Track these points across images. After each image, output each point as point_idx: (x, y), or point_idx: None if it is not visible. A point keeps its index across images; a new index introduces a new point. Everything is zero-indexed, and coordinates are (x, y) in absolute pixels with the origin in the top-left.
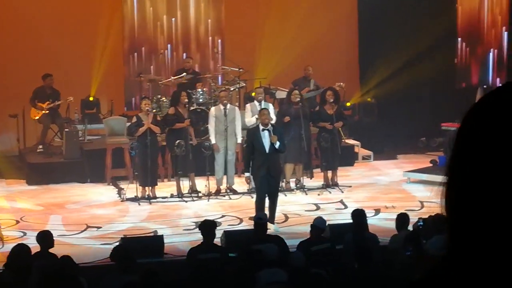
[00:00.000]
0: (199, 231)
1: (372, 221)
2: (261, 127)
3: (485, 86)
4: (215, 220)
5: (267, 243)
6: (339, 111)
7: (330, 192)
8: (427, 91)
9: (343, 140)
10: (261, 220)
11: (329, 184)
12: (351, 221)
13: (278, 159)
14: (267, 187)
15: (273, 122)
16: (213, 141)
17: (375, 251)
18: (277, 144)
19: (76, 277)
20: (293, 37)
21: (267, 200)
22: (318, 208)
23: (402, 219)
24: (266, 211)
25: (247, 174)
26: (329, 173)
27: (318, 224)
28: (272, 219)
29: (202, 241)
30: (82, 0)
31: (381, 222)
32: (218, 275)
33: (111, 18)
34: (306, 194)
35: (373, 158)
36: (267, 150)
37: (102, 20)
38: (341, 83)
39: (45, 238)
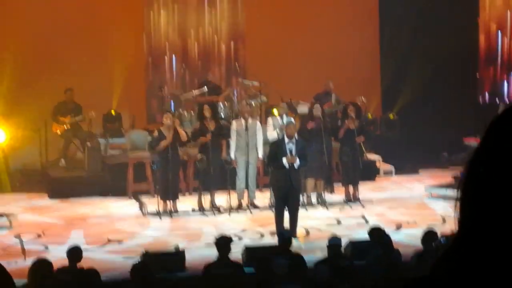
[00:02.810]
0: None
1: (394, 236)
2: (286, 139)
3: (507, 101)
4: (236, 234)
5: (284, 258)
6: (360, 125)
7: (351, 207)
8: (450, 106)
9: (364, 155)
10: (283, 236)
11: (350, 199)
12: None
13: (298, 172)
14: (287, 199)
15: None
16: (233, 155)
17: (399, 266)
18: (296, 164)
19: None
20: (314, 52)
21: (287, 213)
22: (339, 223)
23: (429, 236)
24: (286, 224)
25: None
26: (350, 188)
27: (334, 242)
28: (293, 233)
29: (217, 257)
30: (103, 14)
31: (403, 237)
32: None
33: (132, 33)
34: (327, 208)
35: (394, 172)
36: (288, 163)
37: (124, 35)
38: (363, 98)
39: (74, 253)
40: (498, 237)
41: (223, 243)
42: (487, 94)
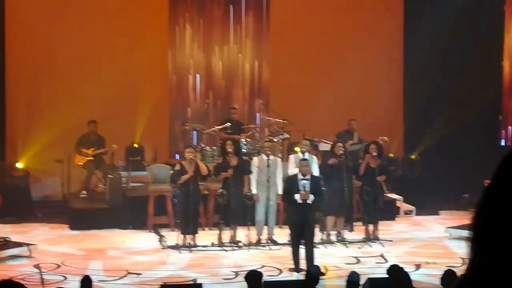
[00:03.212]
0: (243, 280)
1: (413, 276)
2: (300, 176)
3: None
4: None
5: None
6: (382, 165)
7: (371, 246)
8: (471, 148)
9: (385, 194)
10: (310, 274)
11: (370, 238)
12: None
13: (313, 208)
14: (302, 235)
15: (315, 174)
16: (254, 191)
17: None
18: (310, 200)
19: None
20: (337, 90)
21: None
22: (358, 261)
23: (449, 275)
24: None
25: (297, 196)
26: (370, 227)
27: (354, 279)
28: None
29: None
30: (128, 47)
31: (422, 278)
32: None
33: (156, 66)
34: (347, 247)
35: (415, 213)
36: (302, 199)
37: (148, 68)
38: (385, 137)
39: (86, 283)
40: (508, 274)
41: (253, 278)
42: (510, 132)
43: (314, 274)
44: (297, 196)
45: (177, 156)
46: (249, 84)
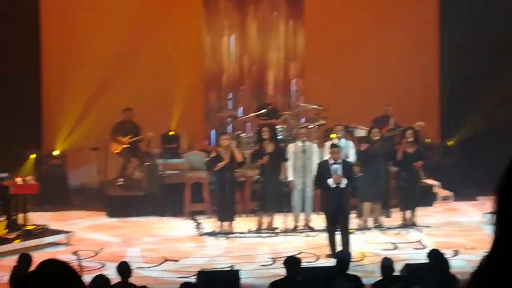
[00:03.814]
0: (282, 266)
1: (451, 262)
2: (331, 161)
3: None
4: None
5: (345, 280)
6: (419, 150)
7: (408, 232)
8: (510, 131)
9: (422, 180)
10: (342, 259)
11: (407, 224)
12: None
13: (347, 193)
14: (337, 220)
15: (352, 160)
16: (290, 178)
17: None
18: (343, 184)
19: None
20: (373, 76)
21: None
22: (395, 247)
23: None
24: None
25: (330, 180)
26: (408, 213)
27: (387, 264)
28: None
29: (284, 276)
30: (163, 35)
31: (460, 263)
32: None
33: (191, 53)
34: (384, 233)
35: (452, 198)
36: (334, 184)
37: (183, 55)
38: (421, 123)
39: (124, 268)
40: None
41: (293, 263)
42: None
43: (343, 259)
44: (330, 181)
45: (214, 140)
46: (285, 79)
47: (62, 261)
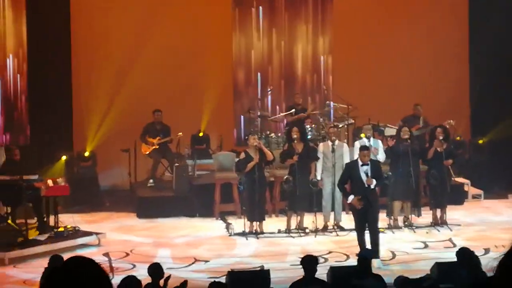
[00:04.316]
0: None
1: (482, 260)
2: (360, 162)
3: None
4: (322, 256)
5: (371, 279)
6: (449, 148)
7: (439, 231)
8: None
9: (452, 178)
10: (364, 257)
11: (438, 222)
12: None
13: (375, 191)
14: (366, 218)
15: (380, 159)
16: (319, 177)
17: None
18: (373, 185)
19: None
20: (402, 74)
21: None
22: (426, 246)
23: None
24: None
25: (350, 198)
26: (438, 211)
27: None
28: (375, 253)
29: (303, 276)
30: (192, 36)
31: (491, 262)
32: None
33: (221, 54)
34: (414, 232)
35: (483, 197)
36: (365, 184)
37: (212, 56)
38: (451, 121)
39: (156, 270)
40: None
41: (308, 262)
42: None
43: (366, 256)
44: (350, 198)
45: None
46: (313, 79)
47: (89, 258)
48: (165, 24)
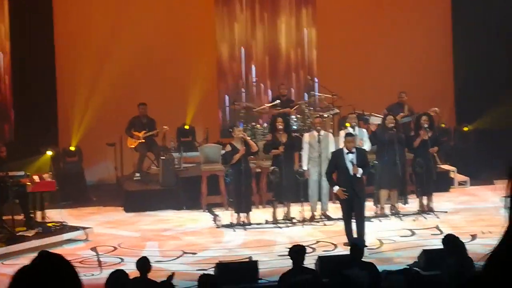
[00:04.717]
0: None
1: (469, 246)
2: (345, 150)
3: None
4: (310, 246)
5: (359, 268)
6: (434, 136)
7: (426, 218)
8: None
9: (438, 166)
10: (356, 246)
11: (424, 210)
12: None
13: (362, 180)
14: (352, 208)
15: (366, 148)
16: (305, 167)
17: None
18: (359, 174)
19: None
20: (387, 63)
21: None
22: (413, 233)
23: None
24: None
25: (335, 189)
26: (424, 199)
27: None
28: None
29: (291, 267)
30: (176, 29)
31: (478, 248)
32: None
33: (205, 47)
34: (401, 219)
35: (469, 184)
36: (351, 172)
37: (197, 49)
38: (436, 109)
39: (144, 263)
40: None
41: (296, 252)
42: None
43: (357, 246)
44: (335, 188)
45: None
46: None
47: (58, 254)
48: (150, 18)
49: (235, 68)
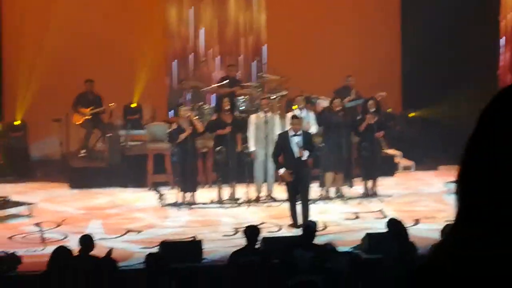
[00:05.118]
0: (242, 236)
1: (412, 231)
2: (291, 133)
3: None
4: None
5: (309, 250)
6: (380, 121)
7: (370, 202)
8: (470, 102)
9: (383, 150)
10: (309, 227)
11: (369, 194)
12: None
13: (307, 163)
14: (297, 190)
15: (313, 131)
16: (251, 148)
17: (415, 259)
18: (305, 156)
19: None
20: (335, 47)
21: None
22: (357, 217)
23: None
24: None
25: (281, 171)
26: (369, 183)
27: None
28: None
29: (244, 245)
30: (125, 7)
31: (421, 232)
32: (258, 278)
33: (153, 25)
34: (346, 203)
35: (414, 168)
36: (295, 155)
37: (145, 27)
38: (383, 93)
39: (86, 241)
40: (493, 221)
41: (251, 232)
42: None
43: (310, 229)
44: (281, 170)
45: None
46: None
47: None
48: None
49: (183, 32)
